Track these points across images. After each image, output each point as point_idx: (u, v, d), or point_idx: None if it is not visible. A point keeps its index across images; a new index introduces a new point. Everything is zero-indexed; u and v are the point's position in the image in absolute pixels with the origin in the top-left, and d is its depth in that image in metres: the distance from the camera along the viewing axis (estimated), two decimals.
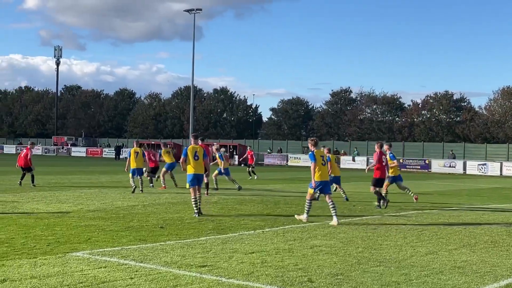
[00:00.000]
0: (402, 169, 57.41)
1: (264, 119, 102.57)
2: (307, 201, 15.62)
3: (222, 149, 28.10)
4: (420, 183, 36.36)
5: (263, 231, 13.55)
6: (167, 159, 26.28)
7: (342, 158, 65.11)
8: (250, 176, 37.22)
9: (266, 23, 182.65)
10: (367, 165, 61.64)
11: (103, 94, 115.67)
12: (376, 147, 19.83)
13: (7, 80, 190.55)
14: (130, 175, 23.62)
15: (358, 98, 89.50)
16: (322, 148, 19.00)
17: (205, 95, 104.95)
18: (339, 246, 11.70)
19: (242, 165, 63.85)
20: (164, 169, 25.94)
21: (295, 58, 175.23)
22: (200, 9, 72.87)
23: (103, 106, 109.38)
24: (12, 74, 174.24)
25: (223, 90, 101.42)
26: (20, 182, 25.78)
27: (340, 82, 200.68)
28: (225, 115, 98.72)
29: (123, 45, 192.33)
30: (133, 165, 23.58)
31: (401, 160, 60.60)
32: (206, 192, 22.14)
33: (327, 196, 15.62)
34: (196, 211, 16.01)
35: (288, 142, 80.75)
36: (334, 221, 14.79)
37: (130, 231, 13.04)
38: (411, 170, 58.66)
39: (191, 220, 15.23)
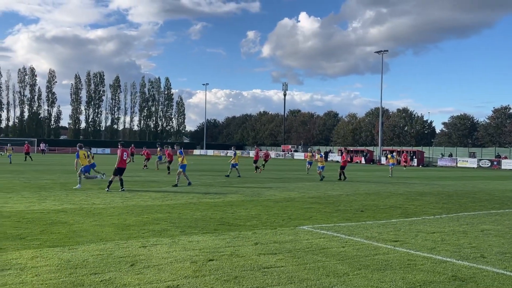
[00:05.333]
0: None
1: (437, 131, 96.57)
2: (85, 175, 18.79)
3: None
4: None
5: (441, 217, 12.73)
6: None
7: (504, 161, 58.93)
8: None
9: (438, 58, 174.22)
10: None
11: (315, 115, 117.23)
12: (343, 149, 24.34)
13: (251, 107, 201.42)
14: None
15: None
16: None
17: (390, 113, 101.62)
18: (506, 231, 10.58)
19: (421, 165, 60.60)
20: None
21: (463, 83, 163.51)
22: (387, 50, 70.99)
23: (315, 123, 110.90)
24: (254, 103, 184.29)
25: (405, 110, 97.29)
26: (169, 172, 28.90)
27: (501, 100, 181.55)
28: (406, 128, 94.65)
29: (329, 79, 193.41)
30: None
31: None
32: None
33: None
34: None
35: (457, 149, 75.00)
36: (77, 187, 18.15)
37: (339, 213, 13.05)
38: None
39: (383, 206, 14.82)
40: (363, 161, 70.78)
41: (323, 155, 29.74)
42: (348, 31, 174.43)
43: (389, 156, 36.84)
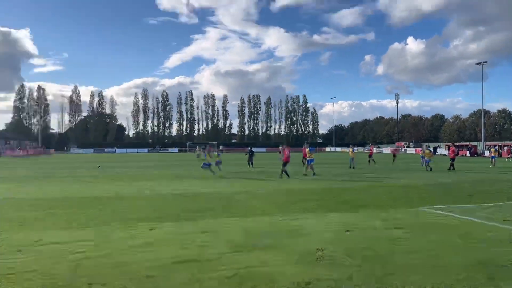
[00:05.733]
0: None
1: None
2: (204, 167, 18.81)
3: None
4: None
5: None
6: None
7: None
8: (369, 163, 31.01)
9: None
10: None
11: (424, 117, 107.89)
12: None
13: (369, 113, 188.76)
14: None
15: None
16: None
17: (491, 114, 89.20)
18: None
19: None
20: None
21: None
22: (486, 62, 62.67)
23: (424, 124, 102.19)
24: (372, 110, 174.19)
25: (504, 110, 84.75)
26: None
27: None
28: (505, 126, 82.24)
29: (434, 88, 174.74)
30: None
31: None
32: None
33: None
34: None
35: None
36: None
37: (451, 197, 11.75)
38: None
39: (492, 192, 13.00)
40: (468, 154, 63.16)
41: (431, 150, 27.13)
42: (450, 48, 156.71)
43: (492, 149, 32.27)
